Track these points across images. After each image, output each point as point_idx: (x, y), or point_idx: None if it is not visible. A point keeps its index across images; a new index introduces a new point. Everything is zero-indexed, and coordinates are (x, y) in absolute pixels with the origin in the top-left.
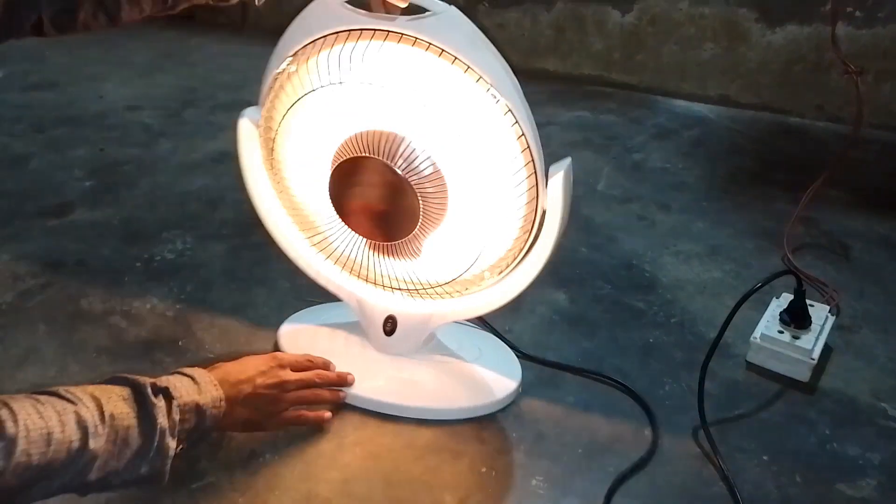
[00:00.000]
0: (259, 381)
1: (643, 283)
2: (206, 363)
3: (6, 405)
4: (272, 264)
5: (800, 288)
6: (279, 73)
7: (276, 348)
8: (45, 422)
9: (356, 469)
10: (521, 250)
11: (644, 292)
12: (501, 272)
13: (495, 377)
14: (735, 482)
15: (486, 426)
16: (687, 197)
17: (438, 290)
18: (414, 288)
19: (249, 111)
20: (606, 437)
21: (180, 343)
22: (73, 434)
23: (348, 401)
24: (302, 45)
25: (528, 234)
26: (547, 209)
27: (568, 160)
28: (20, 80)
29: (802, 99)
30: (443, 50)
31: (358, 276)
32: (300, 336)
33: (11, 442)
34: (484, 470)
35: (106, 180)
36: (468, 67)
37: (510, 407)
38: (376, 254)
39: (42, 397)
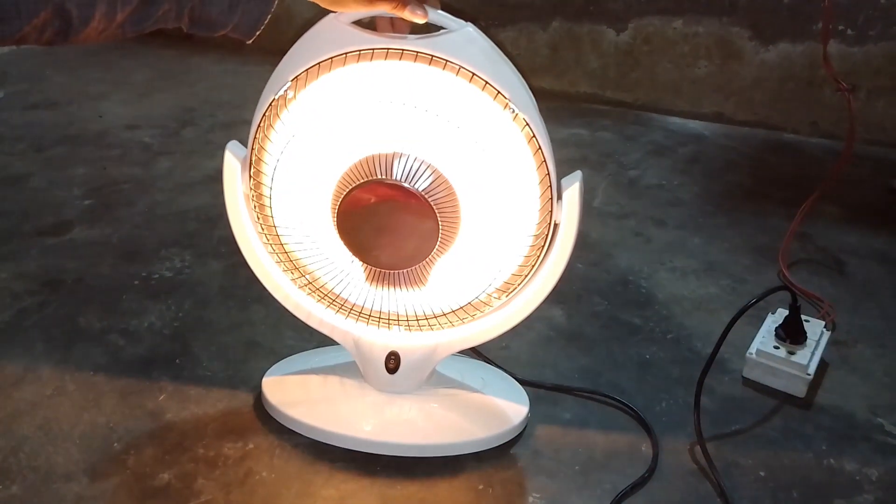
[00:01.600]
0: None
1: (639, 300)
2: (204, 381)
3: None
4: None
5: (795, 303)
6: (276, 100)
7: (260, 402)
8: None
9: (353, 487)
10: (532, 268)
11: (640, 308)
12: (509, 293)
13: (506, 403)
14: (732, 498)
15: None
16: (682, 213)
17: (442, 319)
18: (420, 317)
19: (233, 146)
20: (603, 454)
21: (178, 361)
22: None
23: (365, 450)
24: (305, 69)
25: (539, 250)
26: (561, 222)
27: (578, 173)
28: (20, 99)
29: (796, 116)
30: (461, 67)
31: (357, 316)
32: (288, 387)
33: None
34: (481, 487)
35: (105, 199)
36: (486, 84)
37: None
38: (378, 286)
39: None
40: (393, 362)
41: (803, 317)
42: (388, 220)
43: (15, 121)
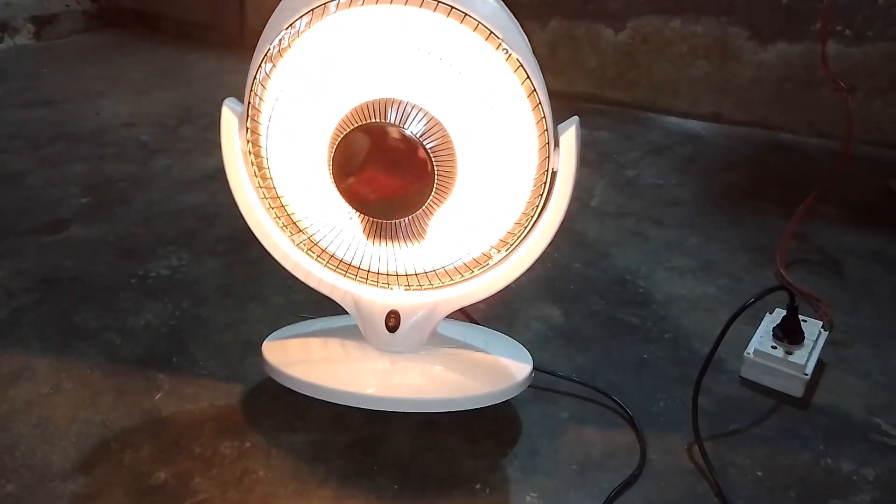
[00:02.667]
0: None
1: (637, 299)
2: (201, 380)
3: None
4: (267, 280)
5: (792, 303)
6: (270, 49)
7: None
8: None
9: (349, 486)
10: (531, 218)
11: (638, 308)
12: (509, 247)
13: (509, 362)
14: (729, 498)
15: (480, 442)
16: (680, 213)
17: (442, 276)
18: (419, 273)
19: (230, 102)
20: (600, 453)
21: (174, 360)
22: None
23: (365, 406)
24: (299, 15)
25: (538, 199)
26: (559, 169)
27: (575, 118)
28: (16, 97)
29: (794, 116)
30: (452, 7)
31: (356, 275)
32: (289, 349)
33: None
34: (478, 486)
35: (101, 197)
36: (478, 24)
37: (503, 422)
38: (377, 242)
39: None
40: (393, 321)
41: (801, 317)
42: (382, 165)
43: (11, 118)
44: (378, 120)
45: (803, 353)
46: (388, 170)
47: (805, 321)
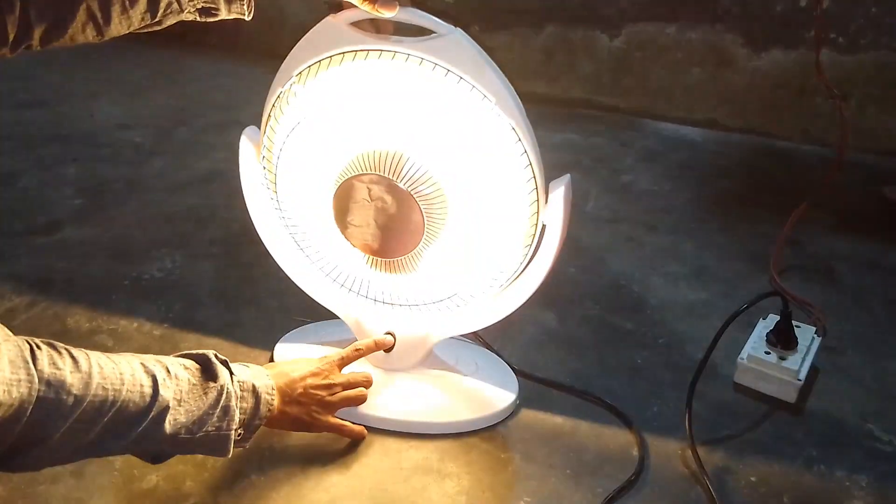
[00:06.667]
0: (310, 381)
1: (631, 304)
2: None
3: (77, 349)
4: (261, 283)
5: (786, 309)
6: (283, 92)
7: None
8: (116, 365)
9: (343, 490)
10: (521, 264)
11: (632, 313)
12: (501, 286)
13: (494, 390)
14: None
15: (474, 446)
16: (674, 219)
17: (438, 305)
18: (413, 304)
19: (249, 130)
20: (594, 458)
21: None
22: (144, 379)
23: (350, 419)
24: (307, 65)
25: (528, 248)
26: (547, 224)
27: (567, 177)
28: (10, 98)
29: (788, 123)
30: (448, 70)
31: (357, 294)
32: (295, 355)
33: (87, 374)
34: (471, 490)
35: (95, 199)
36: (473, 87)
37: (497, 427)
38: (376, 270)
39: (107, 353)
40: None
41: (794, 322)
42: (375, 212)
43: (5, 119)
44: (374, 170)
45: (797, 358)
46: (379, 217)
47: (798, 327)
